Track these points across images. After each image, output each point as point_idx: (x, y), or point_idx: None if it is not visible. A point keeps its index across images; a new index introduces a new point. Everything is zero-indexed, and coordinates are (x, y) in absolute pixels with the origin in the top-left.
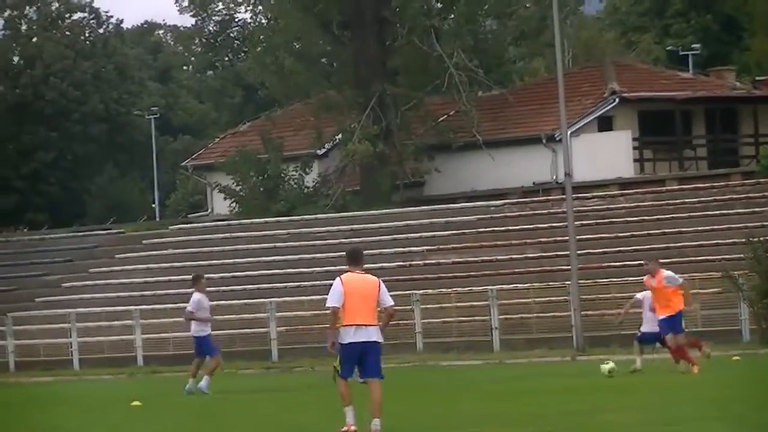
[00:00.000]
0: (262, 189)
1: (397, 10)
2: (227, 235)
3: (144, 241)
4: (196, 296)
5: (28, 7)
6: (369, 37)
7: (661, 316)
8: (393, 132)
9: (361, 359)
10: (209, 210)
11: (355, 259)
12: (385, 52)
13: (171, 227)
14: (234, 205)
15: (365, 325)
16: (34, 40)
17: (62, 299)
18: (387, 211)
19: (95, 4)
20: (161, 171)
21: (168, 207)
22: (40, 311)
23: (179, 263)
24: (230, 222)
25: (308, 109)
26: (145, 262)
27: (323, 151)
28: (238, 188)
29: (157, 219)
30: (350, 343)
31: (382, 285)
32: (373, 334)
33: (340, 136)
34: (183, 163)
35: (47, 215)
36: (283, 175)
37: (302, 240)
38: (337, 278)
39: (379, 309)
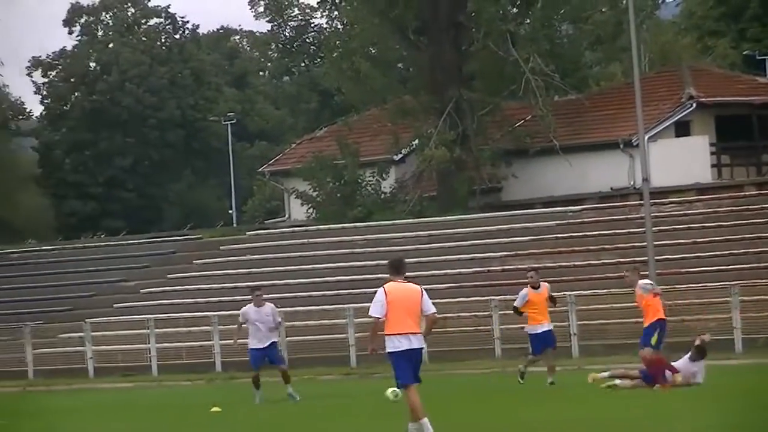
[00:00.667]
0: (339, 195)
1: (473, 14)
2: (304, 240)
3: (222, 247)
4: (243, 309)
5: (104, 13)
6: (445, 42)
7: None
8: (469, 137)
9: None
10: (286, 216)
11: (397, 268)
12: (461, 57)
13: (248, 233)
14: (311, 210)
15: (410, 333)
16: (111, 46)
17: (140, 305)
18: (464, 216)
19: (171, 10)
20: (238, 177)
21: (245, 213)
22: (118, 317)
23: (257, 269)
24: (307, 228)
25: (384, 114)
26: (223, 267)
27: (400, 156)
28: (315, 194)
29: (234, 225)
30: (400, 351)
31: (425, 293)
32: (417, 342)
33: (416, 141)
34: (260, 169)
35: (124, 221)
36: (359, 180)
37: (379, 246)
38: (381, 288)
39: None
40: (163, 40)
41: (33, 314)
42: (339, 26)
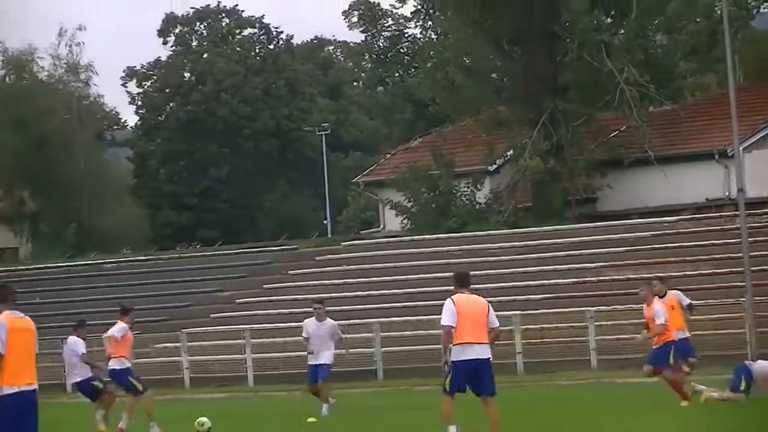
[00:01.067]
0: (433, 205)
1: (567, 25)
2: (399, 251)
3: (317, 258)
4: (305, 321)
5: (198, 24)
6: (539, 52)
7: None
8: (564, 148)
9: (473, 377)
10: (381, 226)
11: (462, 281)
12: (555, 67)
13: (343, 243)
14: (406, 221)
15: (478, 343)
16: (205, 56)
17: (236, 315)
18: (559, 227)
19: (266, 20)
20: (332, 187)
21: (339, 223)
22: (214, 327)
23: (352, 279)
24: (402, 238)
25: (479, 124)
26: (319, 278)
27: (494, 167)
28: (409, 204)
29: (329, 235)
30: (463, 360)
31: (490, 306)
32: (485, 352)
33: (511, 151)
34: (354, 180)
35: (219, 232)
36: (454, 191)
37: (474, 256)
38: (449, 299)
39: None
40: (257, 51)
41: None
42: (433, 36)
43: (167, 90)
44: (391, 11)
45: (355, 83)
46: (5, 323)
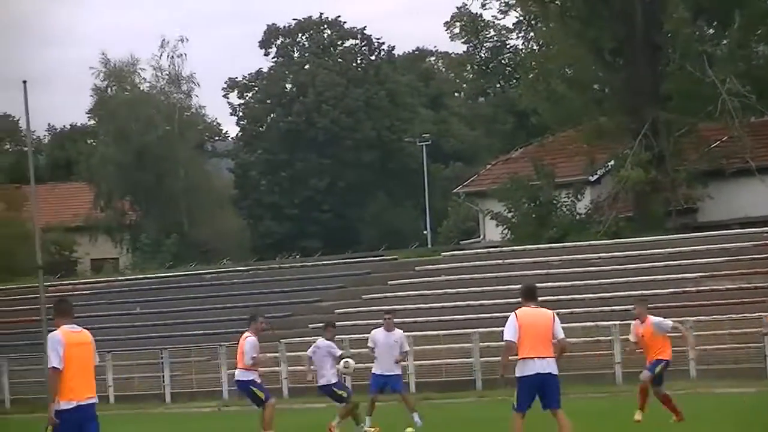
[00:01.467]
0: (534, 215)
1: (669, 35)
2: (499, 261)
3: (416, 268)
4: (373, 332)
5: (300, 35)
6: (641, 63)
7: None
8: (665, 158)
9: (540, 392)
10: (481, 237)
11: (528, 294)
12: (656, 78)
13: (444, 254)
14: (506, 231)
15: (542, 358)
16: (307, 67)
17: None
18: (660, 237)
19: (367, 31)
20: (433, 198)
21: (439, 234)
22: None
23: (452, 290)
24: (502, 249)
25: (580, 135)
26: (418, 288)
27: (595, 177)
28: (510, 215)
29: (429, 246)
30: (528, 375)
31: (556, 318)
32: (550, 366)
33: (612, 162)
34: (455, 190)
35: (321, 242)
36: (554, 201)
37: (575, 266)
38: (512, 313)
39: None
40: (359, 62)
41: (228, 334)
42: (535, 47)
43: (268, 101)
44: (493, 22)
45: (456, 94)
46: (62, 338)
